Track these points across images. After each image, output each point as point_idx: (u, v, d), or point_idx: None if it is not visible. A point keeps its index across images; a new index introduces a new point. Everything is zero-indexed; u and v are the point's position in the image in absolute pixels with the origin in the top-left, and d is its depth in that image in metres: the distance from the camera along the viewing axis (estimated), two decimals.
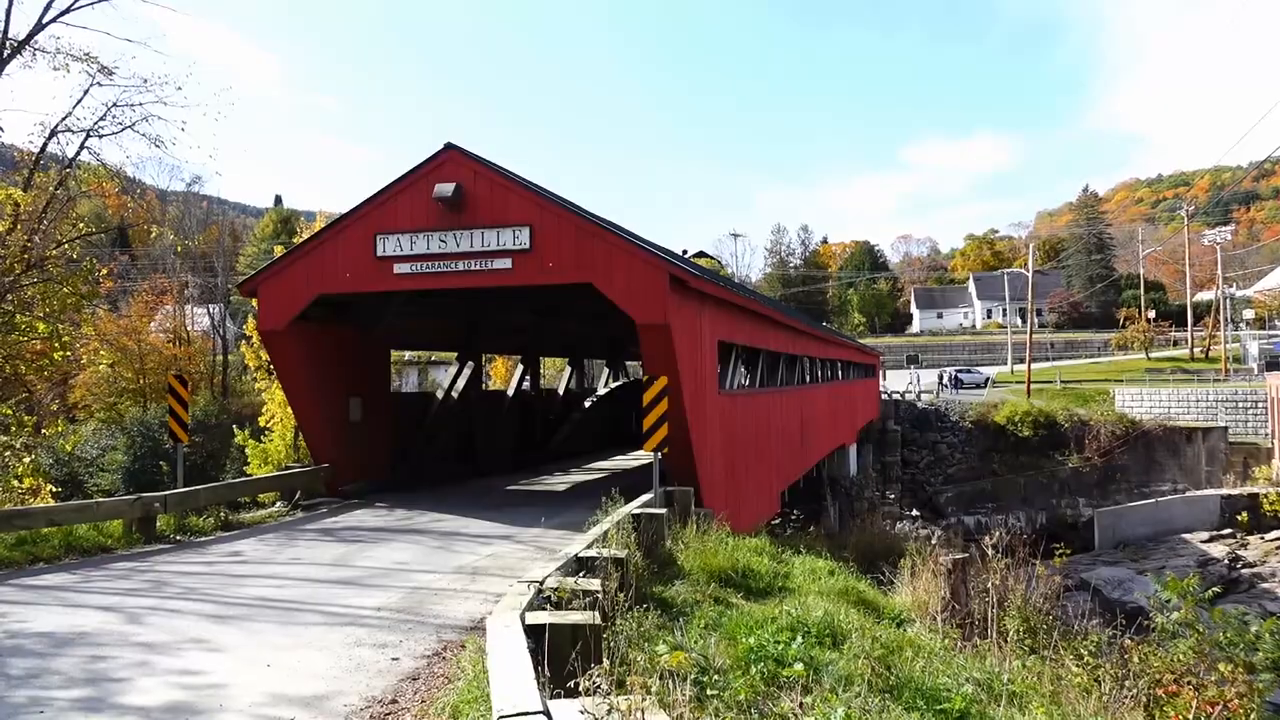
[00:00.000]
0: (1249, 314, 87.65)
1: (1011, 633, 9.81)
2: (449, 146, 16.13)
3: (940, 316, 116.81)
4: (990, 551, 11.05)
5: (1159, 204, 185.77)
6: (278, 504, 17.70)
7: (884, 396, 51.02)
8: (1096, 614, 16.17)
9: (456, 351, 26.25)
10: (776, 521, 21.85)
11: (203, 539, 14.09)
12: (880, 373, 54.91)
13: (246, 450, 32.77)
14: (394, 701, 6.61)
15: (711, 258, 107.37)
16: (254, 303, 18.42)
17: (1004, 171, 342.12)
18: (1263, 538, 38.41)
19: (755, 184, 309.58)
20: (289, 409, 26.52)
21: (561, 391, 33.84)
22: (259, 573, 11.44)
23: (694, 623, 7.99)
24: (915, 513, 41.98)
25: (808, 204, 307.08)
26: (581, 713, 4.13)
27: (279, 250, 28.78)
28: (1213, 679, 9.22)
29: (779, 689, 6.27)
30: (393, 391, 25.50)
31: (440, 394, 25.36)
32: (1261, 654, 9.62)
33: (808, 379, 29.55)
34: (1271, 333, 75.01)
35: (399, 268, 16.21)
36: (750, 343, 21.06)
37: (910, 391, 54.29)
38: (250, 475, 28.24)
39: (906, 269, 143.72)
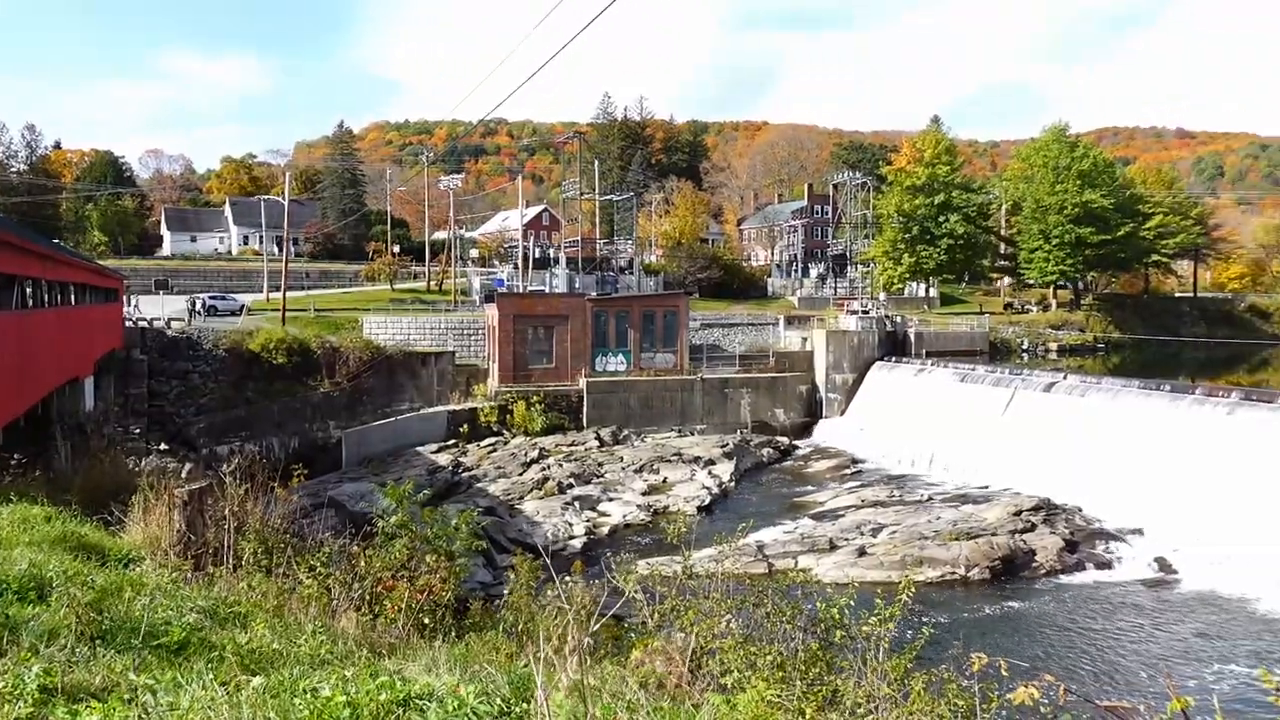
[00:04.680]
0: (475, 253, 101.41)
1: (247, 556, 10.03)
2: None
3: (195, 240, 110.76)
4: (229, 479, 11.08)
5: (406, 147, 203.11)
6: None
7: (129, 324, 46.93)
8: (339, 528, 17.42)
9: None
10: None
11: None
12: (125, 298, 50.36)
13: None
14: None
15: None
16: None
17: (264, 96, 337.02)
18: (479, 445, 45.48)
19: None
20: None
21: None
22: None
23: None
24: (164, 446, 39.51)
25: (35, 102, 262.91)
26: None
27: None
28: (423, 570, 10.73)
29: None
30: None
31: None
32: (459, 542, 11.47)
33: (30, 304, 25.54)
34: (491, 270, 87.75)
35: None
36: None
37: (159, 318, 50.79)
38: None
39: (158, 187, 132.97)
